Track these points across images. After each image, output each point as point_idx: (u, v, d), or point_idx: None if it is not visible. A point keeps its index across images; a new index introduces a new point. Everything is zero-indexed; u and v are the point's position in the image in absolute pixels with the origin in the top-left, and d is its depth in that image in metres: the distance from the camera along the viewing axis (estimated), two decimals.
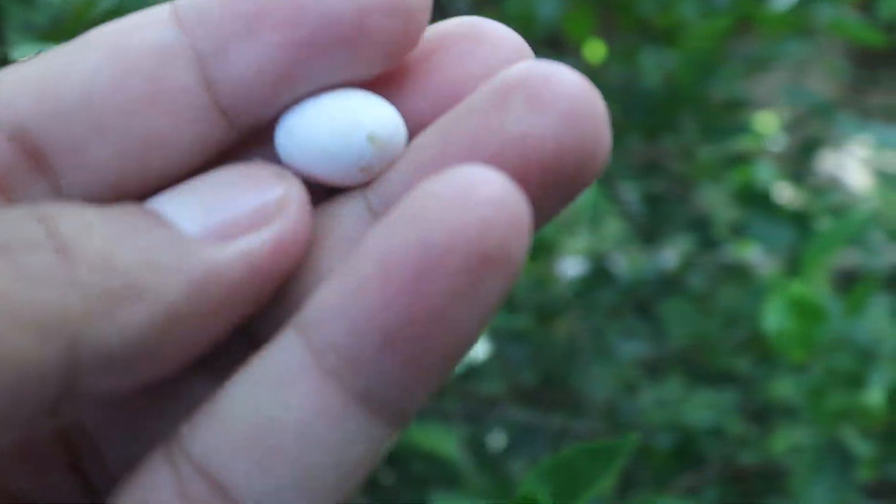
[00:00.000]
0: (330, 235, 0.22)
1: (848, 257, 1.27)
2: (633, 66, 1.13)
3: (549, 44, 1.27)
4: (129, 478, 0.20)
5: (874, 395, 0.83)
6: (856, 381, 0.85)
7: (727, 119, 1.10)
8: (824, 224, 1.01)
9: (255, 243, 0.20)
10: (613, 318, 1.17)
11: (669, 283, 1.18)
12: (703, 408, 1.13)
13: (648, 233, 1.17)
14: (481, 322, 0.19)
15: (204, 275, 0.19)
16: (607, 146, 0.21)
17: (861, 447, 0.82)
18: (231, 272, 0.20)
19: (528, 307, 1.16)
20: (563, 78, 0.20)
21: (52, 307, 0.17)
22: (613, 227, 1.36)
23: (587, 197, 1.21)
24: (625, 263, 1.29)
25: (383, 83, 0.23)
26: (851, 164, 1.98)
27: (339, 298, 0.19)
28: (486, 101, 0.21)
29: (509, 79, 0.21)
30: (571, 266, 1.33)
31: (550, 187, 0.21)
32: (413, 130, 0.22)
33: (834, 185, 1.47)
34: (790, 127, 1.32)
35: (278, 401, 0.19)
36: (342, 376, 0.19)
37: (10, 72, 0.21)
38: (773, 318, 0.79)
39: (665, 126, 1.11)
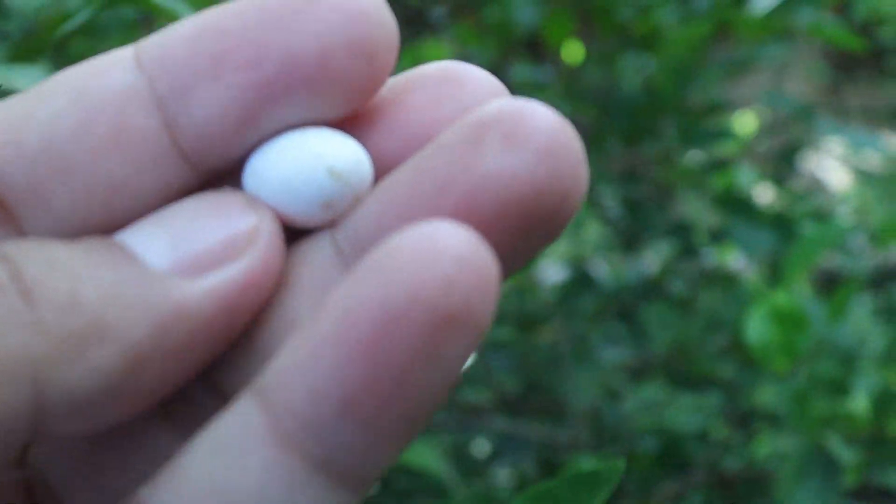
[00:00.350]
0: (296, 278, 0.21)
1: (828, 258, 1.27)
2: (613, 71, 1.13)
3: (528, 48, 1.27)
4: None
5: (858, 402, 0.84)
6: (839, 387, 0.85)
7: (707, 124, 1.10)
8: (806, 228, 1.01)
9: (225, 278, 0.20)
10: (595, 324, 1.17)
11: (651, 289, 1.18)
12: (687, 412, 1.13)
13: (629, 238, 1.17)
14: (445, 384, 0.18)
15: (171, 313, 0.19)
16: (584, 183, 0.20)
17: (846, 453, 0.82)
18: (199, 310, 0.19)
19: (510, 316, 1.16)
20: (539, 115, 0.20)
21: (17, 351, 0.17)
22: (594, 232, 1.36)
23: None
24: (605, 269, 1.29)
25: (355, 122, 0.22)
26: (830, 164, 1.98)
27: (296, 361, 0.18)
28: (460, 139, 0.20)
29: (484, 116, 0.20)
30: (552, 271, 1.33)
31: (527, 227, 0.20)
32: (385, 170, 0.22)
33: (814, 186, 1.47)
34: (769, 130, 1.32)
35: (235, 467, 0.19)
36: (301, 443, 0.19)
37: None
38: (756, 328, 0.79)
39: (645, 131, 1.11)
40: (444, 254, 0.18)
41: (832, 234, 0.85)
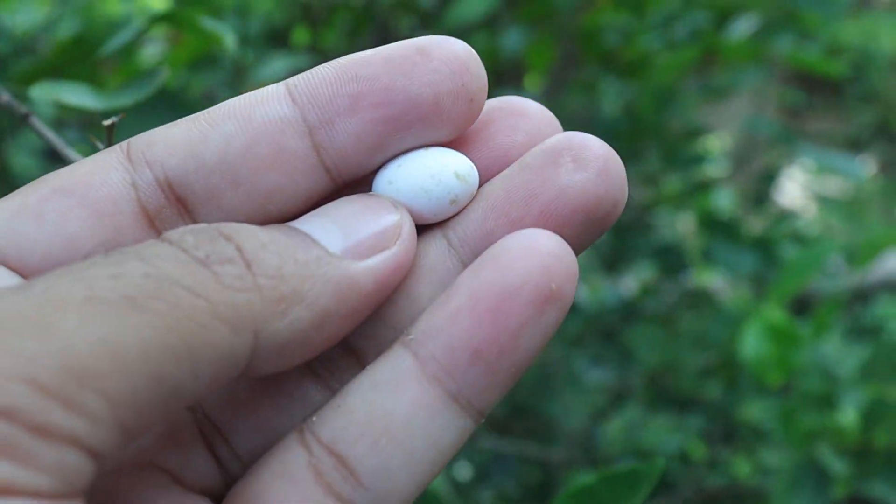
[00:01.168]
0: (419, 268, 0.28)
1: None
2: (595, 96, 1.15)
3: (492, 74, 1.29)
4: (267, 455, 0.27)
5: (847, 415, 0.85)
6: (827, 402, 0.87)
7: (687, 148, 1.12)
8: (786, 250, 1.03)
9: (382, 260, 0.26)
10: (579, 346, 1.19)
11: (632, 310, 1.19)
12: (668, 431, 1.15)
13: (612, 262, 1.19)
14: (542, 344, 0.26)
15: (347, 285, 0.25)
16: (626, 195, 0.28)
17: (836, 465, 0.84)
18: (364, 283, 0.26)
19: None
20: (597, 144, 0.27)
21: (245, 307, 0.23)
22: None
23: None
24: (586, 291, 1.31)
25: (454, 145, 0.29)
26: (792, 188, 2.02)
27: (439, 322, 0.26)
28: (540, 160, 0.27)
29: (557, 144, 0.27)
30: None
31: (590, 226, 0.27)
32: (480, 182, 0.29)
33: (785, 209, 1.50)
34: (744, 154, 1.35)
35: (391, 397, 0.26)
36: (441, 381, 0.26)
37: (159, 134, 0.27)
38: (750, 344, 0.81)
39: (627, 155, 1.12)
40: (543, 251, 0.26)
41: (818, 255, 0.87)
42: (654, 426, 1.19)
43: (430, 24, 1.06)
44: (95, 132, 0.43)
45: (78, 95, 0.45)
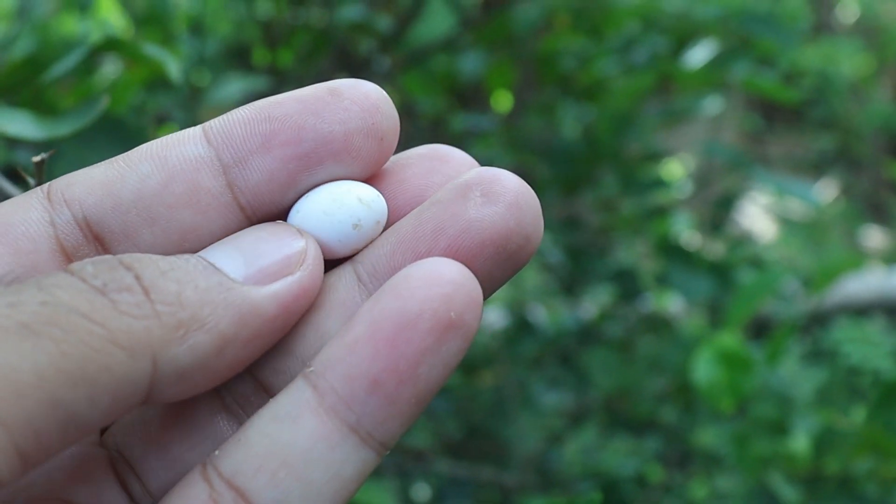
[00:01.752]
0: (326, 300, 0.28)
1: (760, 303, 1.30)
2: (553, 120, 1.15)
3: (466, 97, 1.29)
4: (172, 490, 0.27)
5: (799, 442, 0.86)
6: (779, 428, 0.87)
7: (644, 172, 1.13)
8: (743, 275, 1.03)
9: (285, 286, 0.26)
10: (536, 369, 1.19)
11: (589, 334, 1.20)
12: (624, 455, 1.15)
13: (570, 285, 1.19)
14: (444, 374, 0.26)
15: (248, 311, 0.26)
16: (541, 229, 0.28)
17: (788, 492, 0.84)
18: (267, 309, 0.26)
19: None
20: (508, 178, 0.28)
21: (142, 333, 0.23)
22: (532, 278, 1.38)
23: None
24: (543, 315, 1.31)
25: (370, 184, 0.29)
26: (754, 212, 2.04)
27: (338, 353, 0.26)
28: (450, 196, 0.28)
29: (467, 179, 0.28)
30: (492, 316, 1.34)
31: (500, 260, 0.28)
32: (392, 222, 0.29)
33: (740, 233, 1.51)
34: (702, 178, 1.35)
35: (289, 430, 0.26)
36: (340, 412, 0.26)
37: (79, 175, 0.28)
38: (703, 369, 0.81)
39: (584, 179, 1.13)
40: (443, 279, 0.26)
41: (771, 280, 0.88)
42: (611, 449, 1.19)
43: (388, 47, 1.06)
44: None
45: (18, 124, 0.44)
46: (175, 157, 0.28)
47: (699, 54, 1.05)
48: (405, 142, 0.33)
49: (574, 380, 1.14)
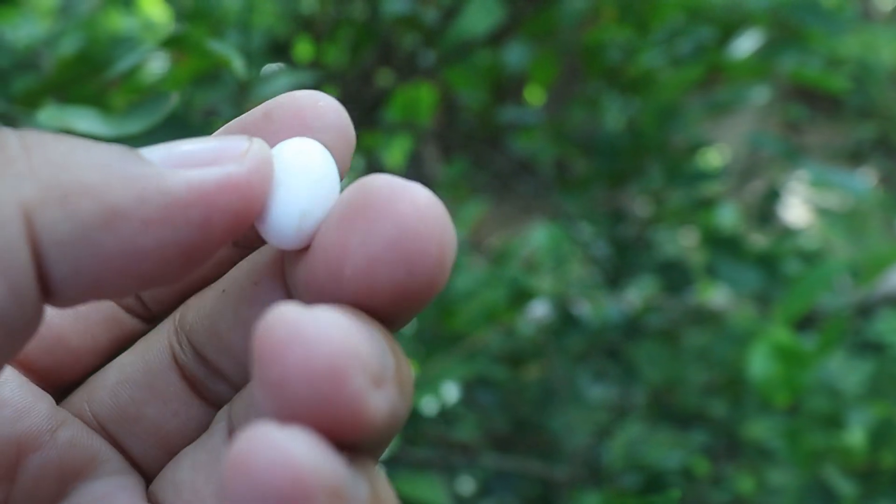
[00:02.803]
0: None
1: None
2: (598, 112, 1.15)
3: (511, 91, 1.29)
4: None
5: (855, 435, 0.85)
6: (834, 421, 0.86)
7: (690, 163, 1.12)
8: (792, 267, 1.03)
9: (204, 173, 0.23)
10: (582, 362, 1.18)
11: (635, 327, 1.19)
12: (669, 448, 1.14)
13: (615, 277, 1.18)
14: None
15: (151, 188, 0.22)
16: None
17: (843, 486, 0.84)
18: (175, 190, 0.22)
19: (497, 353, 1.16)
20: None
21: (9, 193, 0.21)
22: (576, 271, 1.37)
23: (550, 239, 1.22)
24: (587, 307, 1.30)
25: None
26: (791, 203, 2.02)
27: None
28: None
29: None
30: (535, 307, 1.33)
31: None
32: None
33: (789, 225, 1.50)
34: (744, 169, 1.34)
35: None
36: None
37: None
38: (759, 364, 0.80)
39: (630, 172, 1.12)
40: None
41: (827, 274, 0.87)
42: (656, 442, 1.18)
43: (433, 40, 1.05)
44: None
45: (87, 121, 0.44)
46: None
47: (746, 44, 1.04)
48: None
49: (620, 373, 1.13)
